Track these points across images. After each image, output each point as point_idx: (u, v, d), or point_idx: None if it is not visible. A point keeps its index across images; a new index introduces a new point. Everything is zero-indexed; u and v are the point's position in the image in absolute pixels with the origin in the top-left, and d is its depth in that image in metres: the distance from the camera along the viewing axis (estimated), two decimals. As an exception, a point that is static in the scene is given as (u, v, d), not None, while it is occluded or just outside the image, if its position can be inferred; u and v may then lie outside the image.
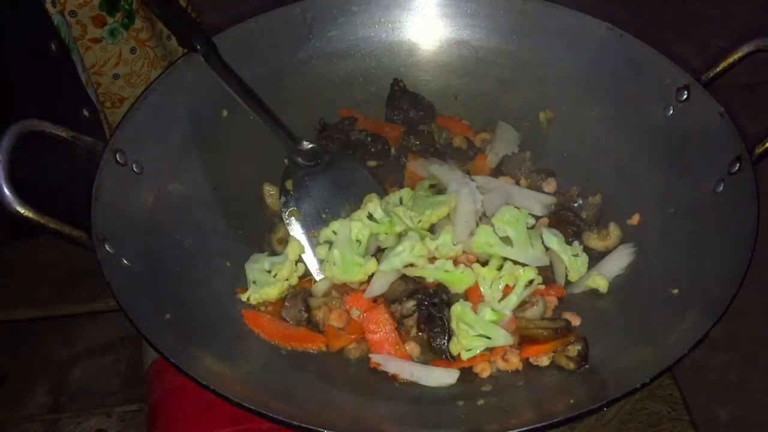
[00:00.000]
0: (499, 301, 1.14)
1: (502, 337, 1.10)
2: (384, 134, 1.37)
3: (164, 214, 1.19)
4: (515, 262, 1.16)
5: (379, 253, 1.21)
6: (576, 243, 1.23)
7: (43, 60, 1.36)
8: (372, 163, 1.35)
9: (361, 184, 1.28)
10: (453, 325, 1.11)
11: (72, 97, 1.42)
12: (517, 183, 1.32)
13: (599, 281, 1.17)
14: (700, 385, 1.29)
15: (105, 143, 1.13)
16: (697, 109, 1.21)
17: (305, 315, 1.16)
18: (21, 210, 1.02)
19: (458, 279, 1.15)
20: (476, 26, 1.39)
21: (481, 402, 1.05)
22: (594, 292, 1.19)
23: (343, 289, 1.19)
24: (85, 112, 1.45)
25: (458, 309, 1.11)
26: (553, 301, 1.18)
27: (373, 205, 1.23)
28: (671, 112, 1.24)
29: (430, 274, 1.16)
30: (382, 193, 1.28)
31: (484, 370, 1.10)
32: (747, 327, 1.37)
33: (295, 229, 1.24)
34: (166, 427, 1.14)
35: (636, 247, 1.21)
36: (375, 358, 1.10)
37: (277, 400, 0.99)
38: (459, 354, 1.10)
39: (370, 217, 1.22)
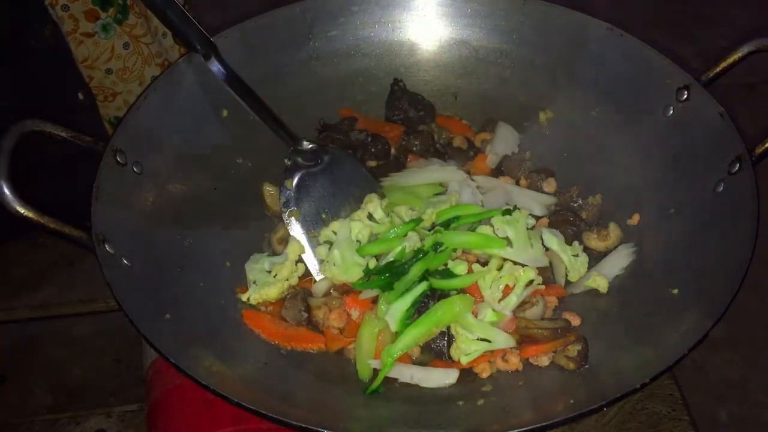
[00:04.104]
0: (499, 301, 1.14)
1: (503, 340, 1.10)
2: (384, 134, 1.37)
3: (164, 214, 1.19)
4: (515, 263, 1.16)
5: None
6: (576, 243, 1.23)
7: (38, 45, 1.35)
8: (372, 163, 1.35)
9: (361, 184, 1.28)
10: (452, 331, 1.11)
11: (67, 81, 1.42)
12: (517, 183, 1.32)
13: (599, 281, 1.17)
14: (700, 385, 1.29)
15: (105, 143, 1.13)
16: (697, 109, 1.21)
17: (305, 315, 1.16)
18: (21, 210, 1.02)
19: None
20: (476, 26, 1.39)
21: (481, 402, 1.05)
22: (594, 292, 1.19)
23: (343, 289, 1.19)
24: (80, 96, 1.44)
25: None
26: (553, 301, 1.18)
27: (373, 205, 1.23)
28: (671, 112, 1.24)
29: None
30: (382, 194, 1.28)
31: (484, 371, 1.10)
32: (747, 327, 1.37)
33: (295, 229, 1.24)
34: (166, 427, 1.14)
35: (636, 247, 1.21)
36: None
37: (277, 400, 0.99)
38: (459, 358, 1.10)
39: (370, 217, 1.22)
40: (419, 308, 1.11)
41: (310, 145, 1.27)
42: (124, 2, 1.48)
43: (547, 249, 1.20)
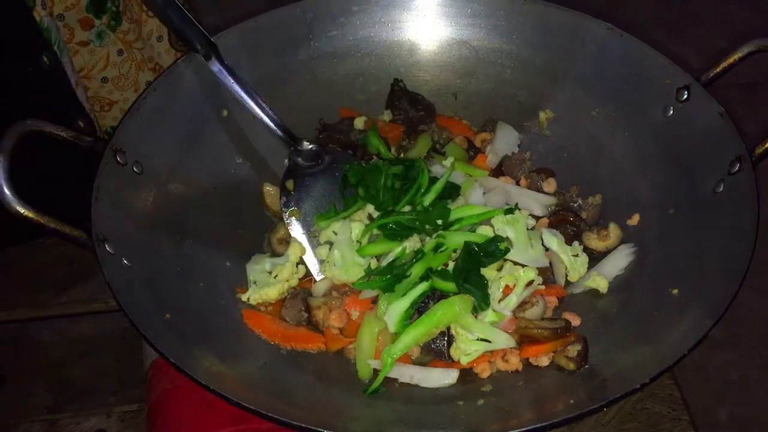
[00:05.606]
0: (500, 301, 1.14)
1: (503, 340, 1.10)
2: (384, 134, 1.37)
3: (164, 214, 1.19)
4: (515, 263, 1.16)
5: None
6: (576, 243, 1.23)
7: (36, 74, 1.35)
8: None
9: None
10: (452, 331, 1.11)
11: (66, 108, 1.42)
12: (517, 183, 1.32)
13: (599, 281, 1.17)
14: (700, 385, 1.29)
15: (105, 143, 1.13)
16: (697, 109, 1.21)
17: (305, 315, 1.16)
18: (21, 210, 1.02)
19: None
20: (476, 26, 1.40)
21: (481, 402, 1.05)
22: (594, 292, 1.19)
23: (343, 290, 1.19)
24: (80, 123, 1.45)
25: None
26: (553, 301, 1.18)
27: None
28: (671, 112, 1.24)
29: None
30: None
31: (484, 371, 1.10)
32: (747, 327, 1.37)
33: (296, 229, 1.24)
34: (166, 427, 1.14)
35: (636, 247, 1.21)
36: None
37: (277, 400, 0.99)
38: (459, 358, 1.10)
39: (371, 217, 1.22)
40: (419, 308, 1.11)
41: (310, 146, 1.27)
42: (117, 9, 1.48)
43: (547, 249, 1.21)
